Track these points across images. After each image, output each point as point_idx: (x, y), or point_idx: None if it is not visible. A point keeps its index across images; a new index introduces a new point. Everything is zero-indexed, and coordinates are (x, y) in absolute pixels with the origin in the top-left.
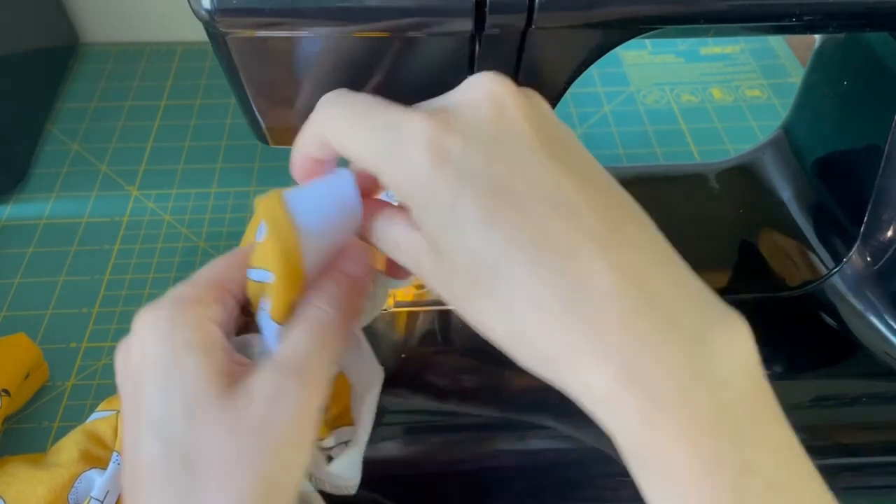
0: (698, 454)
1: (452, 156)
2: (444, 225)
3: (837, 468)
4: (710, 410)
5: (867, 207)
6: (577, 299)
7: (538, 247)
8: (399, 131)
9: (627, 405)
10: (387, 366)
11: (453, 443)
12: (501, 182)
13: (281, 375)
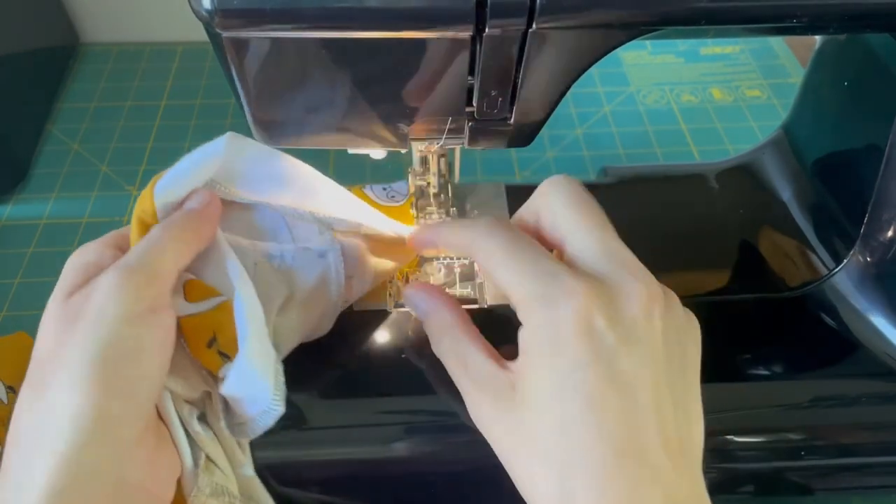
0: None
1: (595, 327)
2: (552, 381)
3: (837, 468)
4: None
5: (867, 207)
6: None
7: (620, 453)
8: (559, 286)
9: None
10: (387, 366)
11: (454, 443)
12: (622, 374)
13: (112, 270)
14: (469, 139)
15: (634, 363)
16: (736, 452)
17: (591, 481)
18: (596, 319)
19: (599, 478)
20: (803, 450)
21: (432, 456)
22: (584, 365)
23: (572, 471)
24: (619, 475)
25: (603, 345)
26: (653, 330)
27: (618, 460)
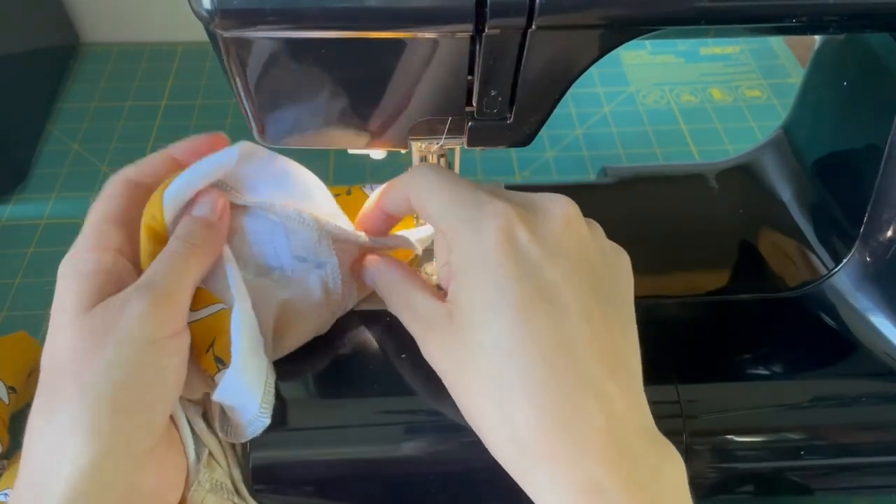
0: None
1: (519, 243)
2: (482, 299)
3: (837, 468)
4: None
5: (867, 207)
6: (572, 420)
7: (553, 360)
8: (482, 208)
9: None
10: (387, 366)
11: (454, 443)
12: (547, 286)
13: (129, 293)
14: (469, 139)
15: (560, 275)
16: (736, 452)
17: (524, 390)
18: (519, 235)
19: (533, 386)
20: (803, 450)
21: (432, 456)
22: (510, 278)
23: (508, 382)
24: (551, 382)
25: (528, 259)
26: (577, 245)
27: (549, 367)
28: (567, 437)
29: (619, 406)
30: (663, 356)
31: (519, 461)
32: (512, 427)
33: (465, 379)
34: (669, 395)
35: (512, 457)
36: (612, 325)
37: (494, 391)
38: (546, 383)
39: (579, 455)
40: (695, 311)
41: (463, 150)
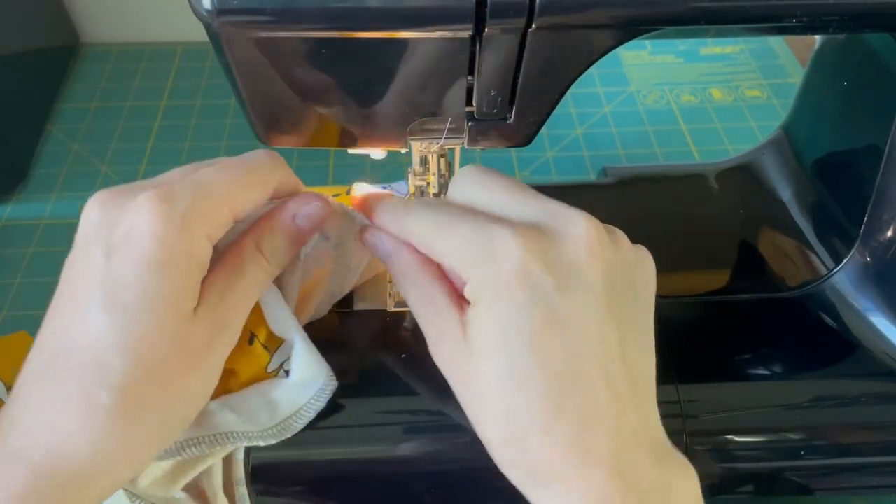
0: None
1: (533, 274)
2: (495, 328)
3: (837, 468)
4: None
5: (867, 207)
6: (582, 446)
7: (565, 391)
8: (493, 241)
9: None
10: (387, 366)
11: (454, 443)
12: (562, 316)
13: (230, 317)
14: (469, 139)
15: (574, 304)
16: (736, 452)
17: (538, 421)
18: (531, 266)
19: (545, 417)
20: (803, 450)
21: (432, 456)
22: (523, 308)
23: (518, 412)
24: (564, 414)
25: (541, 288)
26: (594, 270)
27: (562, 398)
28: (577, 461)
29: (629, 425)
30: (663, 356)
31: (528, 480)
32: (522, 449)
33: (475, 396)
34: (669, 395)
35: (521, 475)
36: (628, 343)
37: (506, 420)
38: (558, 413)
39: (588, 477)
40: (695, 311)
41: (463, 150)
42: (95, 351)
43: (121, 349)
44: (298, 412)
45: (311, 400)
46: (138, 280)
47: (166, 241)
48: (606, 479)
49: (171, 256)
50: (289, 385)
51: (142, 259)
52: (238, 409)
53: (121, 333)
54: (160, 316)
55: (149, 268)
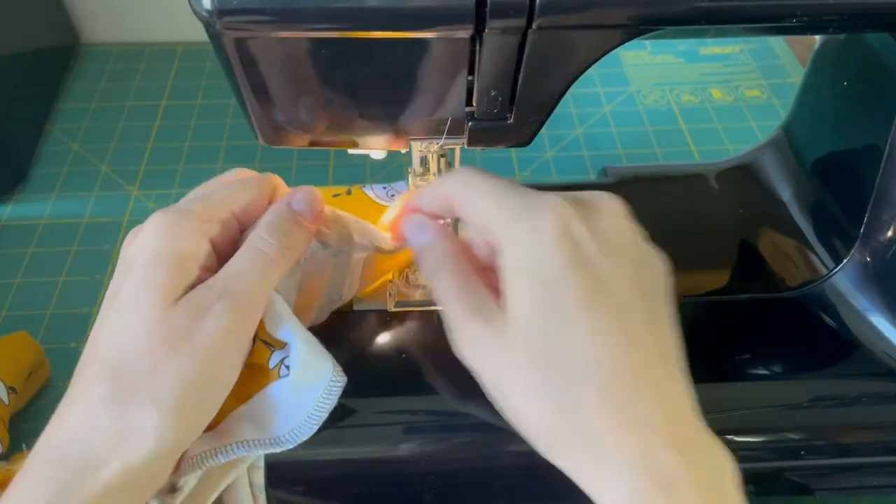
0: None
1: (576, 236)
2: (543, 291)
3: (837, 468)
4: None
5: (867, 207)
6: (641, 411)
7: (618, 352)
8: (533, 204)
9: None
10: (387, 366)
11: (454, 443)
12: (606, 280)
13: (214, 296)
14: (469, 139)
15: (617, 269)
16: (736, 452)
17: (594, 382)
18: (574, 228)
19: (601, 378)
20: (803, 450)
21: (432, 456)
22: (570, 268)
23: (575, 373)
24: (618, 375)
25: (585, 252)
26: (626, 238)
27: (615, 360)
28: (637, 427)
29: (678, 401)
30: None
31: (583, 456)
32: (578, 420)
33: (515, 377)
34: None
35: (575, 452)
36: (662, 322)
37: (557, 382)
38: (614, 374)
39: (649, 445)
40: (695, 311)
41: (463, 150)
42: (98, 352)
43: (114, 345)
44: (310, 414)
45: (319, 399)
46: (131, 282)
47: (159, 239)
48: (669, 452)
49: (161, 252)
50: (290, 385)
51: (138, 264)
52: (255, 416)
53: (114, 331)
54: (142, 308)
55: (139, 270)
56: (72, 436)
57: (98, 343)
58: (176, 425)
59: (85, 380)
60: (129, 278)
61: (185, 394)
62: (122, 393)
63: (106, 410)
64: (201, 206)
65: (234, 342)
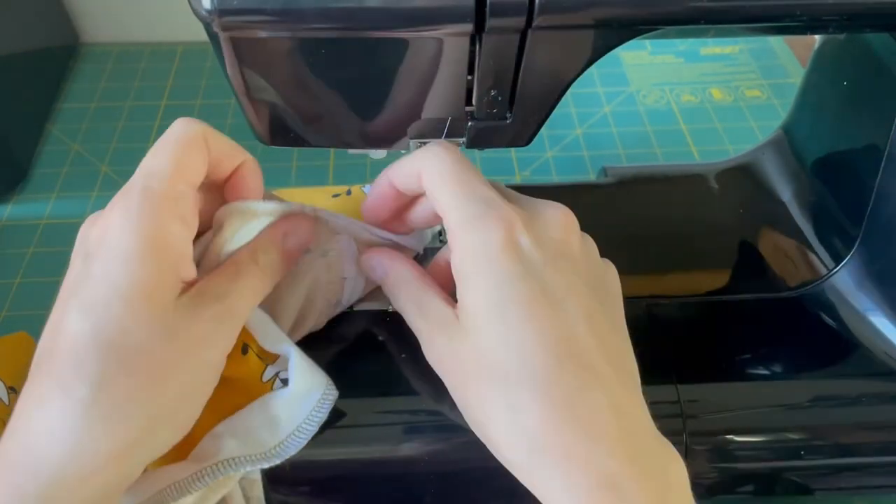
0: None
1: (522, 247)
2: (488, 299)
3: (837, 468)
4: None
5: (867, 207)
6: (584, 416)
7: (562, 358)
8: (490, 209)
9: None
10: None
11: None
12: (551, 288)
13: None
14: (469, 139)
15: (561, 279)
16: (736, 452)
17: (535, 387)
18: (521, 240)
19: (543, 383)
20: (803, 450)
21: (432, 456)
22: (515, 279)
23: (516, 380)
24: (561, 379)
25: (530, 261)
26: (573, 251)
27: (560, 365)
28: (580, 433)
29: (625, 404)
30: (663, 356)
31: (529, 462)
32: (522, 427)
33: (471, 381)
34: (669, 395)
35: (521, 458)
36: (611, 328)
37: (503, 391)
38: (556, 380)
39: (593, 450)
40: (695, 311)
41: (463, 150)
42: (72, 348)
43: (95, 342)
44: (300, 427)
45: (312, 412)
46: (107, 273)
47: (131, 230)
48: (610, 454)
49: (138, 244)
50: (288, 396)
51: (110, 254)
52: (238, 432)
53: (94, 327)
54: (134, 305)
55: (117, 259)
56: (42, 446)
57: (67, 336)
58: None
59: (52, 378)
60: (107, 270)
61: (185, 407)
62: (111, 402)
63: (89, 419)
64: (160, 183)
65: (222, 353)
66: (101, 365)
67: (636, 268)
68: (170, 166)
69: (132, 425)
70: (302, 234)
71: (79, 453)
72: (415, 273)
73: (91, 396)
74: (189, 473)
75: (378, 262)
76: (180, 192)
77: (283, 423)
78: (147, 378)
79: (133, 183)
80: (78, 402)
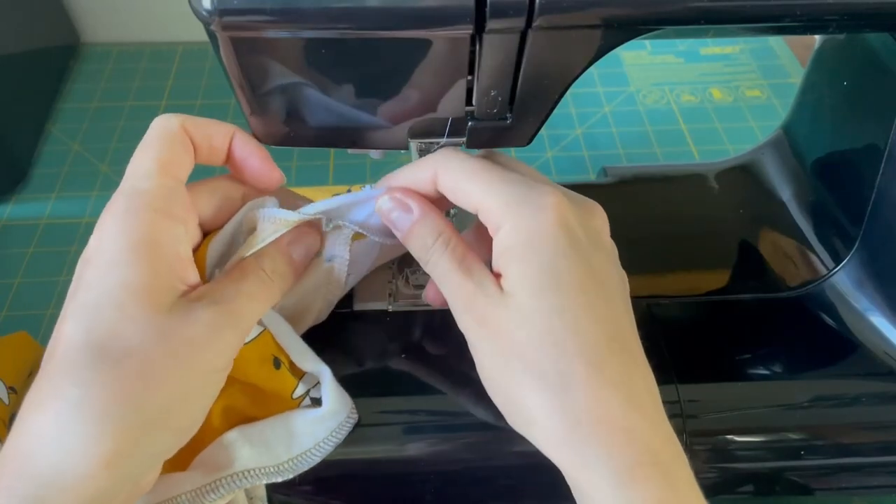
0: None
1: (572, 227)
2: (541, 271)
3: (837, 468)
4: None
5: (867, 207)
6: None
7: (611, 334)
8: (534, 189)
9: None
10: (387, 366)
11: (454, 443)
12: (598, 270)
13: (214, 312)
14: (469, 139)
15: (603, 263)
16: (736, 452)
17: (590, 360)
18: (570, 219)
19: (596, 356)
20: (803, 450)
21: (432, 456)
22: (567, 254)
23: (570, 350)
24: (612, 357)
25: (579, 241)
26: (608, 244)
27: (609, 343)
28: (628, 407)
29: (654, 386)
30: (663, 356)
31: (570, 437)
32: (571, 398)
33: (515, 348)
34: (669, 395)
35: (562, 433)
36: (634, 325)
37: (554, 361)
38: (607, 356)
39: (639, 426)
40: (695, 311)
41: (463, 150)
42: (65, 351)
43: (86, 345)
44: (318, 445)
45: (331, 433)
46: (97, 277)
47: (120, 233)
48: (652, 431)
49: (127, 246)
50: (315, 417)
51: (101, 258)
52: (254, 440)
53: (85, 330)
54: (124, 307)
55: (106, 263)
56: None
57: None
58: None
59: (48, 381)
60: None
61: (187, 411)
62: (105, 404)
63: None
64: (147, 182)
65: (227, 359)
66: (91, 367)
67: (636, 268)
68: (152, 164)
69: (123, 428)
70: (308, 243)
71: (69, 456)
72: (450, 224)
73: (81, 399)
74: (204, 483)
75: (403, 206)
76: (168, 189)
77: (302, 439)
78: (138, 380)
79: (120, 187)
80: (69, 404)
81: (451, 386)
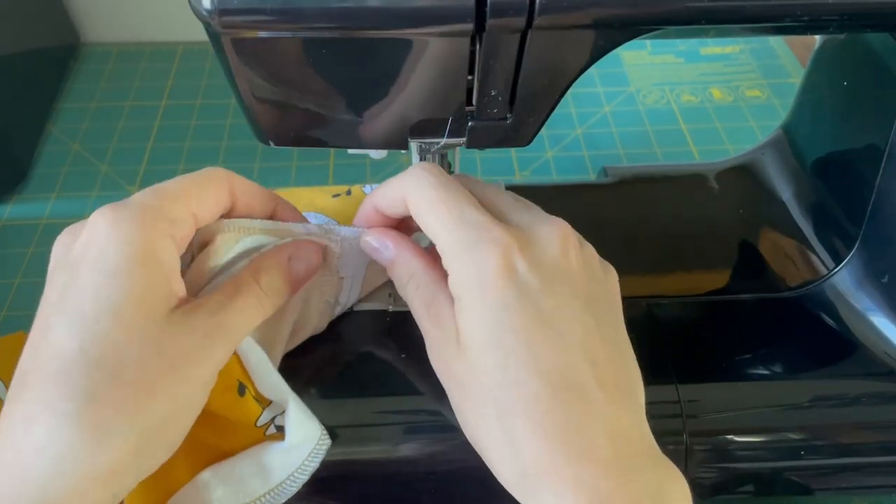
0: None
1: (518, 272)
2: (484, 325)
3: (837, 468)
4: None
5: (867, 207)
6: (577, 445)
7: (557, 387)
8: (482, 233)
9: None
10: (387, 366)
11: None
12: (548, 314)
13: (214, 327)
14: (469, 139)
15: (558, 302)
16: (736, 452)
17: (529, 416)
18: (517, 263)
19: (537, 412)
20: (803, 450)
21: (432, 456)
22: (511, 306)
23: (510, 408)
24: (556, 409)
25: (527, 287)
26: (571, 270)
27: (554, 394)
28: (573, 459)
29: (622, 427)
30: (663, 356)
31: (522, 484)
32: (516, 451)
33: (469, 400)
34: (669, 395)
35: (515, 479)
36: (611, 347)
37: (498, 416)
38: (551, 409)
39: (585, 474)
40: (695, 311)
41: (463, 150)
42: (58, 362)
43: (83, 357)
44: (292, 476)
45: (304, 462)
46: (95, 285)
47: (120, 242)
48: (603, 477)
49: (128, 256)
50: (283, 448)
51: (97, 265)
52: (227, 479)
53: (81, 341)
54: (124, 317)
55: (104, 272)
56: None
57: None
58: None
59: (37, 394)
60: (94, 282)
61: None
62: (98, 416)
63: (75, 434)
64: (158, 204)
65: (215, 371)
66: (89, 379)
67: (636, 268)
68: (176, 190)
69: (120, 441)
70: (309, 260)
71: (65, 471)
72: (423, 263)
73: (77, 412)
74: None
75: (385, 246)
76: (178, 216)
77: (275, 471)
78: (135, 392)
79: (130, 199)
80: (65, 417)
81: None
